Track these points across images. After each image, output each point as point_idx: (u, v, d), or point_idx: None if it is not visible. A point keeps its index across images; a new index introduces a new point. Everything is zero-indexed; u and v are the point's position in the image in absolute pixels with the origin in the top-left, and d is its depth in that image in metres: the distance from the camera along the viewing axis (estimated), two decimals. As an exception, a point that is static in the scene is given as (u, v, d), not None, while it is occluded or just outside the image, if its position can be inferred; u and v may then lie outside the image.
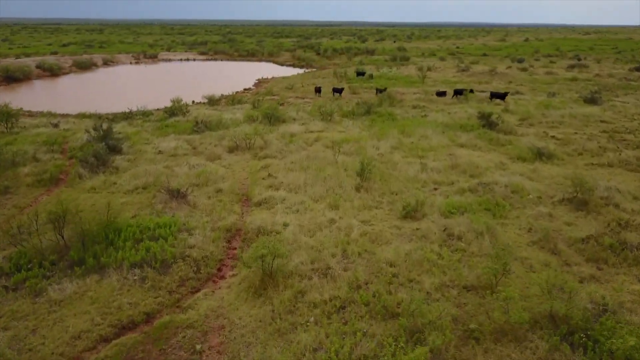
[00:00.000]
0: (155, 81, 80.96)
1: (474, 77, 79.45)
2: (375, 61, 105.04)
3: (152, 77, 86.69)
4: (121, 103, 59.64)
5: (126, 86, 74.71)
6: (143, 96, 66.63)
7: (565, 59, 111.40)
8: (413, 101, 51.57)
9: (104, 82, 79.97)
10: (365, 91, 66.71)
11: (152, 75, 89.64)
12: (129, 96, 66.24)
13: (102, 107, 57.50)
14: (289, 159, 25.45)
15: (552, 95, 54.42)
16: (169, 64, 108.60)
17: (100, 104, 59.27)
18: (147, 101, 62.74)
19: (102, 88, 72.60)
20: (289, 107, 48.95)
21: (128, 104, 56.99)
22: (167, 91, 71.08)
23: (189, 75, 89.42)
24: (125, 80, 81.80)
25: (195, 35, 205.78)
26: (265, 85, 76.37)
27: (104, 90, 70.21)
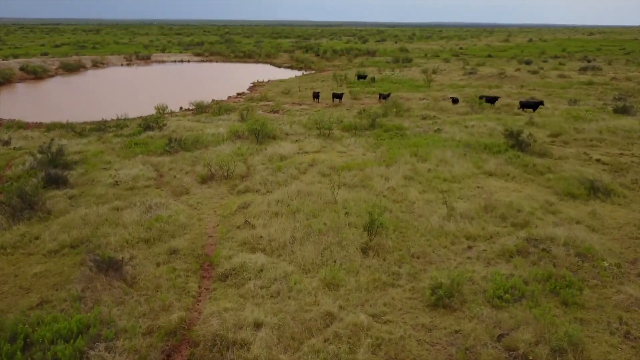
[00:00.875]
0: (144, 85, 74.98)
1: (482, 80, 73.46)
2: (376, 63, 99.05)
3: (141, 80, 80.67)
4: (101, 110, 53.79)
5: (112, 90, 68.73)
6: (127, 102, 60.71)
7: (574, 60, 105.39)
8: (421, 109, 45.60)
9: (89, 85, 73.97)
10: (368, 96, 60.78)
11: (141, 78, 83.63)
12: (112, 102, 60.32)
13: (79, 114, 51.59)
14: (275, 196, 19.47)
15: (574, 102, 48.43)
16: (161, 66, 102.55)
17: (78, 111, 53.35)
18: (130, 107, 56.83)
19: (86, 92, 66.61)
20: (282, 117, 43.02)
21: (108, 111, 51.10)
22: (154, 96, 65.13)
23: (181, 78, 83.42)
24: (112, 83, 75.78)
25: (192, 35, 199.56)
26: (261, 90, 70.41)
27: (86, 95, 64.23)
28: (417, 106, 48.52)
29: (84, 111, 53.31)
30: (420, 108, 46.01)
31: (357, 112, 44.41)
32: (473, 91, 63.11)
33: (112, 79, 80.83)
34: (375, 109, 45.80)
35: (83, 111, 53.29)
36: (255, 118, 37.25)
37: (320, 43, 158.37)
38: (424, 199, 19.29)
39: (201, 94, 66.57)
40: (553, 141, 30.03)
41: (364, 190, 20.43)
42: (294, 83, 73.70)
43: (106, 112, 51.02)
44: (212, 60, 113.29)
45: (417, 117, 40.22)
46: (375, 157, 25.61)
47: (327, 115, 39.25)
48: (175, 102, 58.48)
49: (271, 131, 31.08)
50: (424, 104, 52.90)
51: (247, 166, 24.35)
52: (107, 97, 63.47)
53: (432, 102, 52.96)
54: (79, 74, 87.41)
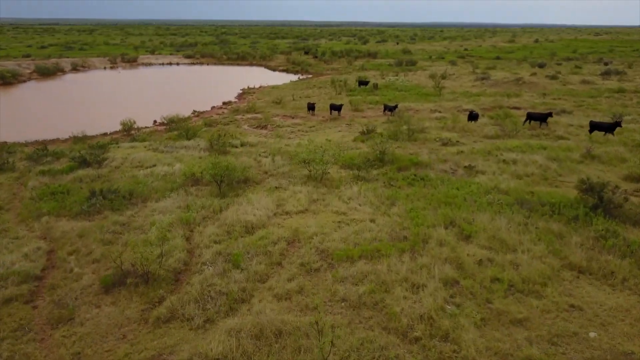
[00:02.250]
0: (121, 91, 65.63)
1: (498, 87, 64.17)
2: (378, 66, 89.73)
3: (120, 85, 71.30)
4: (60, 124, 44.66)
5: (83, 98, 59.38)
6: (95, 112, 51.45)
7: (589, 62, 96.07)
8: (437, 129, 36.35)
9: (60, 92, 64.58)
10: (370, 107, 51.58)
11: (122, 83, 74.25)
12: (78, 113, 51.07)
13: (29, 130, 42.43)
14: (216, 338, 10.35)
15: (619, 117, 39.18)
16: (147, 69, 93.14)
17: (30, 126, 44.15)
18: (97, 120, 47.54)
19: (52, 101, 57.29)
20: (268, 138, 33.90)
21: (67, 126, 41.95)
22: (128, 105, 55.89)
23: (165, 83, 74.06)
24: (87, 90, 66.37)
25: (187, 36, 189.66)
26: (250, 98, 61.11)
27: (51, 105, 54.92)
28: (432, 124, 39.32)
29: (38, 126, 44.11)
30: (436, 127, 36.75)
31: (360, 133, 35.22)
32: (490, 101, 53.87)
33: (88, 85, 71.46)
34: (381, 129, 36.62)
35: (36, 126, 44.09)
36: (227, 142, 28.08)
37: (318, 44, 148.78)
38: (493, 352, 10.10)
39: (182, 104, 57.36)
40: (638, 190, 20.79)
41: (377, 318, 11.26)
42: (287, 90, 64.43)
43: (64, 127, 41.93)
44: (203, 63, 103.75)
45: (435, 141, 31.00)
46: (390, 224, 16.37)
47: (321, 144, 30.11)
48: (150, 114, 49.32)
49: (243, 172, 21.87)
50: (439, 119, 43.70)
51: (190, 249, 15.14)
52: (74, 106, 54.19)
53: (448, 116, 43.79)
54: (55, 79, 78.02)
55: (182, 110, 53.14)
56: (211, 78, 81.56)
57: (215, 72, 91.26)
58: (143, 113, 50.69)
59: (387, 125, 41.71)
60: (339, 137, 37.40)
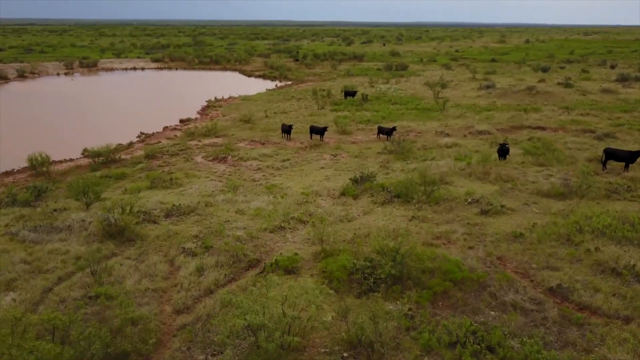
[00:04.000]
0: (62, 106, 53.37)
1: (508, 97, 53.26)
2: (366, 71, 78.41)
3: (64, 97, 58.89)
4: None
5: (6, 115, 47.06)
6: (6, 139, 39.02)
7: (594, 66, 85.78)
8: (460, 175, 25.06)
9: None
10: (361, 129, 40.25)
11: (67, 94, 61.76)
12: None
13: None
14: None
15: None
16: (107, 76, 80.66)
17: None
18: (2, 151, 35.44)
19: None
20: (214, 198, 22.30)
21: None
22: (58, 127, 43.82)
23: (119, 94, 61.83)
24: (19, 104, 53.89)
25: (163, 37, 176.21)
26: (214, 114, 49.34)
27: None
28: (445, 157, 28.18)
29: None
30: (459, 174, 25.39)
31: (351, 180, 23.85)
32: (506, 118, 42.82)
33: (26, 97, 58.95)
34: (381, 176, 25.28)
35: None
36: (134, 220, 16.63)
37: (300, 45, 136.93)
38: None
39: (130, 123, 45.57)
40: None
41: None
42: (260, 103, 52.81)
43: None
44: (172, 68, 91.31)
45: (466, 203, 19.77)
46: None
47: (292, 208, 18.79)
48: (83, 139, 37.38)
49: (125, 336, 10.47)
50: (450, 147, 32.61)
51: None
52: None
53: (461, 143, 32.70)
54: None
55: (127, 132, 41.46)
56: (175, 86, 69.57)
57: (183, 78, 79.23)
58: (74, 138, 38.93)
59: (386, 156, 30.51)
60: (321, 181, 26.19)
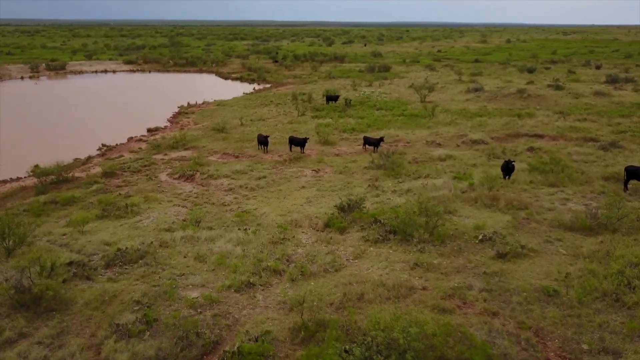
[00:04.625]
0: (18, 114, 48.53)
1: (499, 101, 50.08)
2: (348, 72, 74.74)
3: (24, 104, 53.94)
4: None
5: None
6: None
7: (579, 66, 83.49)
8: (465, 202, 21.43)
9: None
10: (345, 138, 36.46)
11: (28, 100, 56.72)
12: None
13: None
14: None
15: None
16: (74, 79, 75.56)
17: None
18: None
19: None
20: (172, 236, 18.29)
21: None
22: (6, 139, 38.98)
23: (85, 100, 57.07)
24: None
25: (139, 37, 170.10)
26: (185, 122, 45.04)
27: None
28: (439, 172, 24.63)
29: None
30: (461, 198, 21.81)
31: (337, 208, 20.05)
32: (500, 125, 39.50)
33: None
34: (371, 203, 21.52)
35: None
36: (55, 283, 12.67)
37: (280, 45, 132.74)
38: None
39: (93, 132, 41.20)
40: None
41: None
42: (236, 109, 48.74)
43: None
44: (146, 70, 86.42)
45: (476, 241, 16.19)
46: None
47: (267, 246, 14.99)
48: (35, 153, 32.96)
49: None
50: (444, 159, 29.10)
51: None
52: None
53: (456, 155, 29.22)
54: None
55: (87, 144, 37.03)
56: (147, 90, 64.98)
57: (155, 82, 74.56)
58: (26, 152, 34.52)
59: (374, 172, 26.79)
60: (302, 205, 22.46)
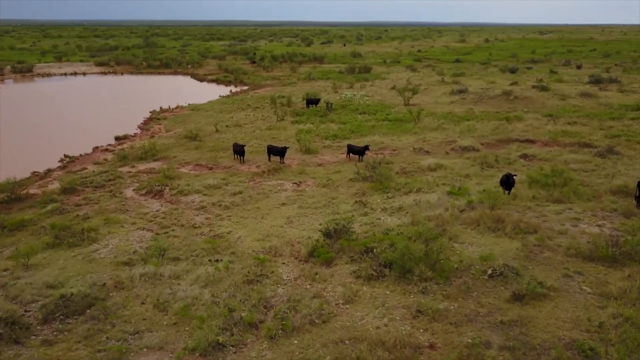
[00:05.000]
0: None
1: (485, 104, 48.14)
2: (328, 73, 72.28)
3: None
4: None
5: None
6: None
7: (559, 66, 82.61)
8: (458, 216, 19.18)
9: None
10: (327, 146, 33.90)
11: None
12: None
13: None
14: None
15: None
16: (41, 83, 71.44)
17: None
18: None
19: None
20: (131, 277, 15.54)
21: None
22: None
23: (49, 105, 53.39)
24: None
25: (112, 38, 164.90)
26: (156, 129, 41.94)
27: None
28: (432, 185, 22.30)
29: None
30: (460, 219, 19.48)
31: (322, 233, 17.50)
32: (489, 129, 37.40)
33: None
34: (361, 229, 19.01)
35: None
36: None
37: (257, 46, 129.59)
38: None
39: (53, 143, 37.66)
40: None
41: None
42: (211, 114, 45.80)
43: None
44: (118, 72, 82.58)
45: (485, 276, 13.87)
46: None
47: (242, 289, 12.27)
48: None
49: None
50: (434, 170, 26.80)
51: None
52: None
53: (446, 165, 26.94)
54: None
55: (48, 155, 33.71)
56: (118, 94, 61.48)
57: (128, 84, 71.00)
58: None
59: (360, 185, 24.30)
60: (282, 226, 19.91)
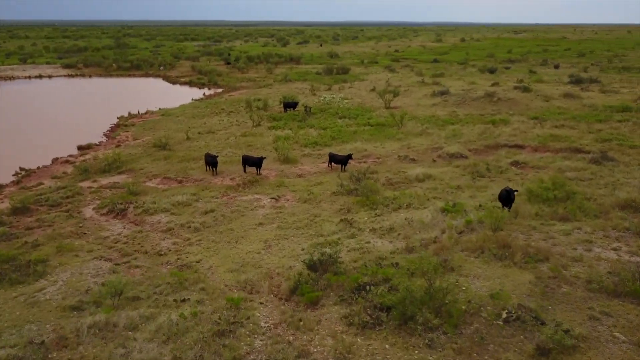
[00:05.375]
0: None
1: (468, 106, 46.43)
2: (305, 75, 69.92)
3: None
4: None
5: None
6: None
7: (537, 65, 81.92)
8: (457, 239, 17.11)
9: None
10: (307, 155, 31.53)
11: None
12: None
13: None
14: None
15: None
16: (4, 86, 67.39)
17: None
18: None
19: None
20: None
21: None
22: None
23: (7, 112, 49.73)
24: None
25: (82, 38, 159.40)
26: (123, 137, 38.98)
27: None
28: (423, 199, 20.21)
29: None
30: (459, 243, 17.41)
31: (306, 264, 15.16)
32: (475, 134, 35.49)
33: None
34: (348, 256, 16.75)
35: None
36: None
37: (232, 46, 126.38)
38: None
39: (9, 154, 34.20)
40: None
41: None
42: (183, 119, 43.00)
43: None
44: (86, 75, 78.64)
45: (497, 320, 11.73)
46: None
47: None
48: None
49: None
50: (422, 180, 24.76)
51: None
52: None
53: (435, 175, 24.88)
54: None
55: (4, 167, 30.47)
56: (85, 98, 57.99)
57: (96, 87, 67.43)
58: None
59: (345, 199, 22.02)
60: (259, 253, 17.59)
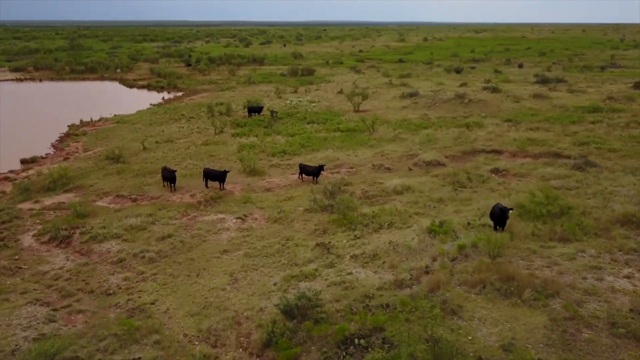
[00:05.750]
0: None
1: (440, 109, 44.85)
2: (269, 76, 67.25)
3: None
4: None
5: None
6: None
7: (501, 65, 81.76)
8: (452, 269, 15.06)
9: None
10: (275, 165, 28.97)
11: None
12: None
13: None
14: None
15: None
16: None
17: None
18: None
19: None
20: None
21: None
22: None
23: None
24: None
25: (34, 40, 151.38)
26: (73, 148, 35.48)
27: None
28: (407, 217, 18.13)
29: None
30: (455, 273, 15.34)
31: (279, 309, 12.74)
32: (450, 139, 33.72)
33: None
34: (331, 293, 14.40)
35: None
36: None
37: (193, 47, 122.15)
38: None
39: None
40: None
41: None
42: (139, 127, 39.74)
43: None
44: (36, 79, 73.50)
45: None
46: None
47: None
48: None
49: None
50: (400, 192, 22.74)
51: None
52: None
53: (414, 186, 22.88)
54: None
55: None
56: (33, 105, 53.59)
57: (46, 93, 62.85)
58: None
59: (319, 218, 19.69)
60: (224, 289, 15.27)
